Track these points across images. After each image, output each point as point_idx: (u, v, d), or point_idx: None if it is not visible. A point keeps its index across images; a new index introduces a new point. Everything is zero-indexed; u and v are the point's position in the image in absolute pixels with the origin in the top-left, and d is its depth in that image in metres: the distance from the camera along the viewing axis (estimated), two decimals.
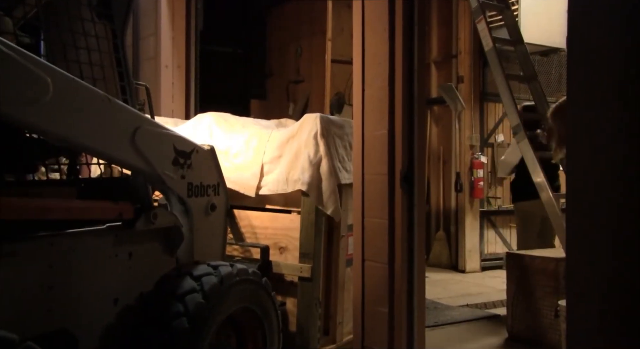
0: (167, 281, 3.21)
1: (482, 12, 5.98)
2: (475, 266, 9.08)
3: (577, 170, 2.01)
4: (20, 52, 2.45)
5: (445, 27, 9.56)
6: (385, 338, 3.70)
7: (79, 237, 2.92)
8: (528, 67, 6.38)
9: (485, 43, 5.92)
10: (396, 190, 3.66)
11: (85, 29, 3.27)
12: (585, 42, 1.98)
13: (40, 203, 2.75)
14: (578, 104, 2.01)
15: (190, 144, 3.51)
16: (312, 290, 4.28)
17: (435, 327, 5.82)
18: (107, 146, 2.95)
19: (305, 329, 4.27)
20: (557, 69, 9.40)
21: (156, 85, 6.91)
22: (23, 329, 2.48)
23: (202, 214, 3.64)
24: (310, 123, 4.38)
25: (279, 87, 11.05)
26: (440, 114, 9.72)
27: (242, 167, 4.63)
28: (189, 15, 7.35)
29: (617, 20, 1.87)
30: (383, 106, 3.72)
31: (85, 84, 2.83)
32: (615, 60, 1.87)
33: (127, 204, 3.16)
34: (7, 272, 2.58)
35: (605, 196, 1.89)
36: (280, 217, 4.59)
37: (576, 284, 2.02)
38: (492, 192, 9.49)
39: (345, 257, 4.59)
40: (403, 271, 3.65)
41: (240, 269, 3.37)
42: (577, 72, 2.02)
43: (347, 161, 4.47)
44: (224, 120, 5.03)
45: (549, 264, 5.04)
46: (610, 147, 1.87)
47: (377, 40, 3.78)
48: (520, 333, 5.30)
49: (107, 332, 3.03)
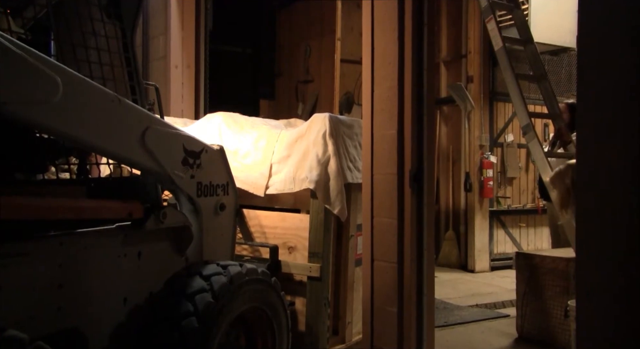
0: (177, 281, 3.21)
1: (492, 12, 5.97)
2: (485, 266, 9.06)
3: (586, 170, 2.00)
4: (30, 52, 2.46)
5: (455, 27, 9.53)
6: (395, 338, 3.69)
7: (89, 236, 2.93)
8: (538, 67, 6.35)
9: (495, 42, 5.91)
10: (405, 190, 3.65)
11: (95, 28, 3.28)
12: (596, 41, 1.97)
13: (50, 203, 2.75)
14: (589, 105, 2.00)
15: (200, 143, 3.52)
16: (321, 290, 4.28)
17: (445, 327, 5.81)
18: (117, 145, 2.95)
19: (314, 329, 4.27)
20: (567, 69, 9.36)
21: (166, 85, 6.94)
22: (33, 329, 2.50)
23: (212, 214, 3.64)
24: (319, 122, 4.37)
25: (288, 86, 11.07)
26: (449, 114, 9.69)
27: (251, 167, 4.64)
28: (198, 15, 7.37)
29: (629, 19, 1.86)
30: (392, 105, 3.71)
31: (95, 84, 2.84)
32: (627, 60, 1.86)
33: (137, 203, 3.16)
34: (18, 271, 2.58)
35: (616, 196, 1.88)
36: (289, 217, 4.59)
37: (586, 284, 2.01)
38: (502, 192, 9.45)
39: (354, 257, 4.58)
40: (412, 271, 3.64)
41: (249, 268, 3.38)
42: (587, 72, 2.01)
43: (359, 160, 4.46)
44: (233, 120, 5.04)
45: (559, 264, 5.02)
46: (621, 148, 1.86)
47: (386, 39, 3.77)
48: (529, 333, 5.29)
49: (117, 331, 3.03)
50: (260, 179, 4.56)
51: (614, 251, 1.89)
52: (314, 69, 10.35)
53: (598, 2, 1.97)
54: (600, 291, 1.94)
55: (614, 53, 1.90)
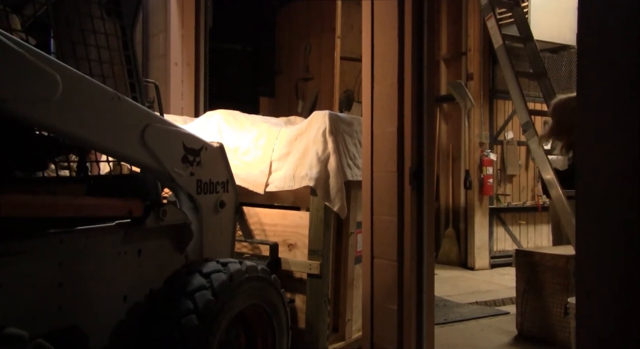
0: (177, 278, 3.21)
1: (492, 9, 5.97)
2: (485, 264, 9.06)
3: (587, 168, 2.00)
4: (30, 50, 2.46)
5: (455, 25, 9.53)
6: (395, 336, 3.70)
7: (89, 234, 2.93)
8: (538, 64, 6.36)
9: (495, 40, 5.91)
10: (405, 187, 3.65)
11: (94, 26, 3.27)
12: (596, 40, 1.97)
13: (49, 201, 2.75)
14: (589, 104, 1.99)
15: (200, 141, 3.51)
16: (321, 287, 4.28)
17: (445, 324, 5.81)
18: (117, 143, 2.95)
19: (314, 326, 4.27)
20: (567, 66, 9.35)
21: (165, 83, 6.93)
22: (33, 327, 2.50)
23: (211, 212, 3.64)
24: (319, 120, 4.37)
25: (288, 84, 11.05)
26: (449, 112, 9.69)
27: (251, 165, 4.63)
28: (198, 12, 7.36)
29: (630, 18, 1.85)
30: (392, 103, 3.71)
31: (95, 82, 2.84)
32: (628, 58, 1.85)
33: (137, 201, 3.16)
34: (18, 269, 2.58)
35: (616, 194, 1.88)
36: (289, 215, 4.59)
37: (586, 282, 2.01)
38: (502, 190, 9.45)
39: (354, 254, 4.58)
40: (412, 269, 3.64)
41: (249, 266, 3.38)
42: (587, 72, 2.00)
43: (359, 158, 4.46)
44: (233, 118, 5.03)
45: (558, 262, 5.02)
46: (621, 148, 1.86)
47: (386, 37, 3.77)
48: (529, 331, 5.29)
49: (117, 329, 3.04)
50: (260, 177, 4.56)
51: (614, 251, 1.89)
52: (314, 66, 10.34)
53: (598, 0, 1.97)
54: (600, 290, 1.94)
55: (614, 52, 1.90)
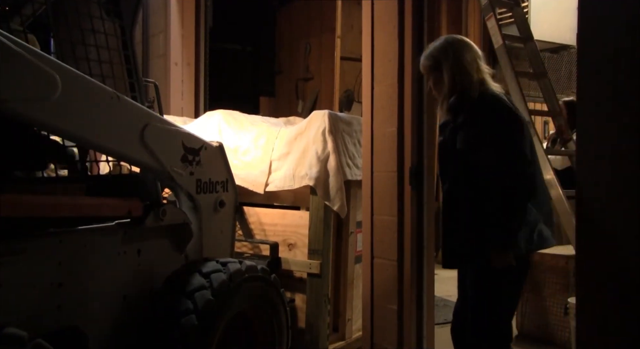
0: (176, 278, 3.21)
1: (492, 9, 5.95)
2: None
3: (586, 168, 2.00)
4: (29, 50, 2.46)
5: (455, 24, 9.50)
6: (395, 335, 3.70)
7: (88, 234, 2.93)
8: (538, 64, 6.34)
9: (495, 40, 5.89)
10: (405, 187, 3.65)
11: (94, 26, 3.27)
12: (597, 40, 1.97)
13: (49, 200, 2.75)
14: (588, 104, 1.99)
15: (199, 140, 3.51)
16: (321, 287, 4.28)
17: (445, 324, 5.79)
18: (116, 143, 2.95)
19: (314, 326, 4.27)
20: (567, 66, 9.34)
21: (165, 83, 6.93)
22: (33, 327, 2.49)
23: (211, 211, 3.64)
24: (319, 120, 4.37)
25: (288, 84, 11.04)
26: None
27: (251, 165, 4.63)
28: (198, 12, 7.36)
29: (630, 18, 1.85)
30: (392, 103, 3.71)
31: (94, 81, 2.83)
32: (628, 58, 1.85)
33: (136, 201, 3.16)
34: (17, 269, 2.58)
35: (616, 194, 1.88)
36: (289, 214, 4.59)
37: (586, 281, 2.01)
38: None
39: (354, 254, 4.58)
40: (412, 269, 3.64)
41: (249, 266, 3.37)
42: (588, 71, 2.00)
43: (358, 157, 4.46)
44: (232, 118, 5.04)
45: (558, 261, 5.01)
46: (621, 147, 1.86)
47: (386, 37, 3.77)
48: (529, 331, 5.28)
49: (117, 329, 3.04)
50: (260, 177, 4.56)
51: (614, 251, 1.89)
52: (314, 66, 10.32)
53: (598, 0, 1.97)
54: (600, 290, 1.94)
55: (614, 52, 1.90)
